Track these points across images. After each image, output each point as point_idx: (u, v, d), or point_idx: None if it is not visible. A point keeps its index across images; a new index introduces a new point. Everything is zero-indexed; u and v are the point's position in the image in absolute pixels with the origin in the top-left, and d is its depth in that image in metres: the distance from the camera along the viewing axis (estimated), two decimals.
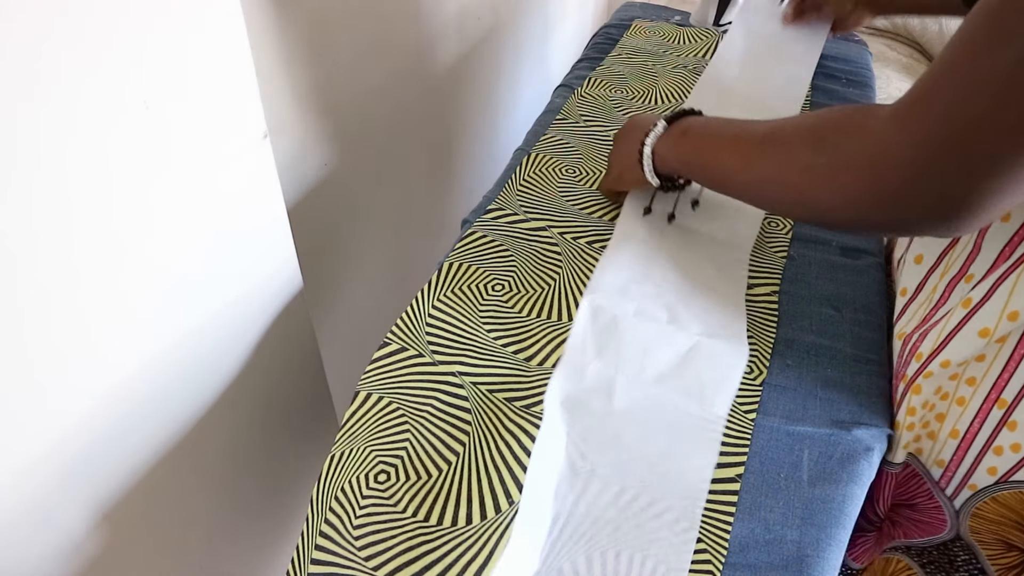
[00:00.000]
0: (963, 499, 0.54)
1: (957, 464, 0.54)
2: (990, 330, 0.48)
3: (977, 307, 0.49)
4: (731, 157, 0.53)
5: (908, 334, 0.57)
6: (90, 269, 0.41)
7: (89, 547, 0.48)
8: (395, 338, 0.57)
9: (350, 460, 0.49)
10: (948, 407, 0.53)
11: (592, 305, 0.58)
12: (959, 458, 0.53)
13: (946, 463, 0.55)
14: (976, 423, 0.52)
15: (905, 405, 0.55)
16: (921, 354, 0.54)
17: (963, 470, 0.54)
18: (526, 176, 0.76)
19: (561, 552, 0.46)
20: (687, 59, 1.02)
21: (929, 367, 0.52)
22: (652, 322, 0.58)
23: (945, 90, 0.37)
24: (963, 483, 0.54)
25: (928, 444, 0.55)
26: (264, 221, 0.56)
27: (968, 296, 0.50)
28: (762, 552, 0.47)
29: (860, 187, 0.41)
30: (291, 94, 0.72)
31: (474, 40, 1.16)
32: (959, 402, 0.53)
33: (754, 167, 0.50)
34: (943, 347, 0.51)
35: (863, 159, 0.41)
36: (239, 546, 0.67)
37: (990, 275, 0.49)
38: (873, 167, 0.40)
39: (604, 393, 0.53)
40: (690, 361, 0.56)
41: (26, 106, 0.34)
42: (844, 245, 0.70)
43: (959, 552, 0.58)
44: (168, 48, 0.41)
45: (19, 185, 0.35)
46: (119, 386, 0.46)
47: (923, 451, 0.56)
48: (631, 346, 0.56)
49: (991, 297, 0.48)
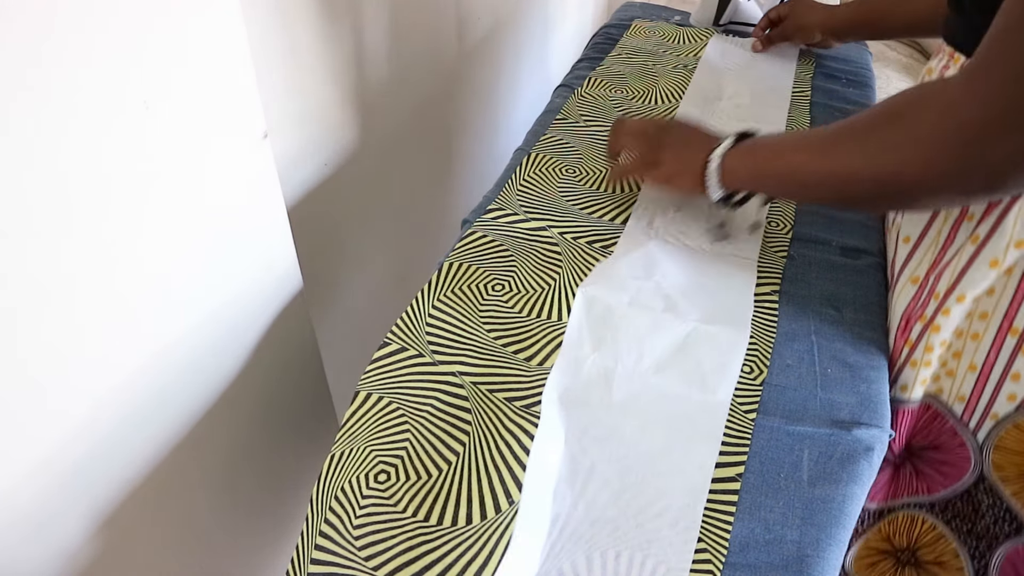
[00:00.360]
0: (986, 431, 0.58)
1: (978, 396, 0.57)
2: (999, 260, 0.52)
3: (985, 240, 0.53)
4: (807, 155, 0.55)
5: (922, 277, 0.60)
6: (90, 269, 0.41)
7: (90, 548, 0.48)
8: (395, 338, 0.57)
9: (350, 460, 0.49)
10: (964, 344, 0.56)
11: (586, 296, 0.58)
12: (979, 390, 0.57)
13: (967, 397, 0.58)
14: (992, 354, 0.55)
15: (923, 343, 0.57)
16: (938, 293, 0.57)
17: (984, 401, 0.57)
18: (526, 176, 0.76)
19: (561, 553, 0.46)
20: (687, 59, 1.02)
21: (946, 304, 0.56)
22: (647, 311, 0.58)
23: (1012, 48, 0.40)
24: (985, 414, 0.57)
25: (948, 382, 0.58)
26: (264, 221, 0.56)
27: (975, 232, 0.53)
28: (762, 552, 0.47)
29: (947, 153, 0.44)
30: (291, 94, 0.72)
31: (474, 40, 1.16)
32: (974, 337, 0.56)
33: (832, 158, 0.52)
34: (958, 282, 0.55)
35: (945, 126, 0.43)
36: (239, 546, 0.67)
37: (991, 211, 0.52)
38: (959, 131, 0.43)
39: (603, 385, 0.53)
40: (689, 348, 0.55)
41: (26, 106, 0.34)
42: (844, 245, 0.70)
43: (983, 497, 0.61)
44: (168, 48, 0.41)
45: (18, 185, 0.35)
46: (119, 387, 0.46)
47: (943, 390, 0.59)
48: (627, 336, 0.56)
49: (997, 229, 0.52)
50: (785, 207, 0.73)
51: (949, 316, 0.56)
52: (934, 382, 0.59)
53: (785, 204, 0.74)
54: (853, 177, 0.51)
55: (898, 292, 0.62)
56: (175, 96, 0.42)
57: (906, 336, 0.60)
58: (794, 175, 0.56)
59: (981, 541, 0.63)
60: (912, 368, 0.59)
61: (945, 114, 0.44)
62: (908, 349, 0.59)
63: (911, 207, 0.57)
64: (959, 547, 0.64)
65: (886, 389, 0.57)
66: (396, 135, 0.95)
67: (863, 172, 0.50)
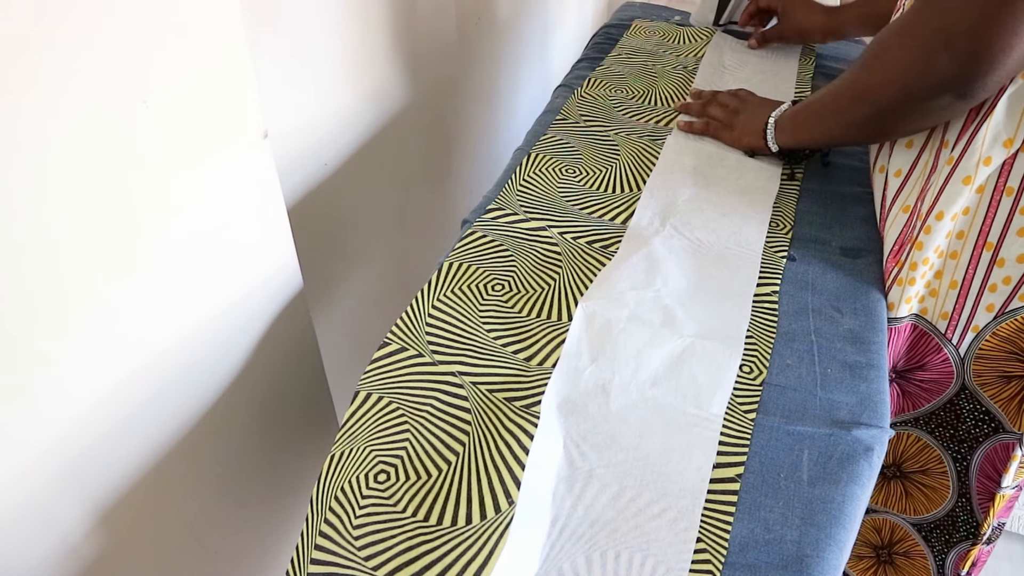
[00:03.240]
0: (968, 343, 0.65)
1: (959, 311, 0.64)
2: (971, 177, 0.58)
3: (958, 161, 0.59)
4: (842, 85, 0.65)
5: (912, 204, 0.65)
6: (89, 269, 0.41)
7: (88, 548, 0.48)
8: (395, 338, 0.57)
9: (350, 460, 0.49)
10: (943, 263, 0.63)
11: (586, 311, 0.59)
12: (960, 305, 0.64)
13: (949, 314, 0.65)
14: (971, 269, 0.62)
15: (908, 261, 0.63)
16: (921, 212, 0.63)
17: (965, 314, 0.64)
18: (526, 176, 0.76)
19: (561, 553, 0.46)
20: (687, 59, 1.02)
21: (928, 222, 0.61)
22: (645, 326, 0.58)
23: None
24: (967, 327, 0.64)
25: (931, 302, 0.65)
26: (264, 221, 0.56)
27: (951, 156, 0.60)
28: (762, 552, 0.47)
29: (971, 41, 0.52)
30: (291, 94, 0.72)
31: (474, 40, 1.16)
32: (953, 256, 0.63)
33: (868, 72, 0.61)
34: (936, 201, 0.61)
35: (944, 24, 0.53)
36: (239, 546, 0.67)
37: (963, 135, 0.59)
38: (984, 13, 0.50)
39: (600, 395, 0.53)
40: (683, 363, 0.56)
41: (26, 105, 0.34)
42: (844, 245, 0.70)
43: (964, 403, 0.68)
44: (168, 47, 0.41)
45: (16, 184, 0.35)
46: (119, 387, 0.46)
47: (928, 310, 0.66)
48: (625, 349, 0.56)
49: (968, 150, 0.58)
50: (785, 208, 0.74)
51: (930, 234, 0.61)
52: (919, 303, 0.65)
53: (785, 205, 0.74)
54: (888, 89, 0.59)
55: (891, 222, 0.68)
56: (176, 96, 0.42)
57: (897, 258, 0.65)
58: (833, 106, 0.67)
59: (963, 445, 0.71)
60: (899, 286, 0.65)
61: (945, 14, 0.53)
62: (897, 269, 0.65)
63: (927, 106, 0.61)
64: (942, 452, 0.72)
65: (886, 389, 0.57)
66: (396, 135, 0.95)
67: (900, 79, 0.58)
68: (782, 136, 0.76)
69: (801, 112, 0.73)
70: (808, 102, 0.73)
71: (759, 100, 0.84)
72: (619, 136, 0.84)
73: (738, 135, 0.81)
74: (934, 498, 0.76)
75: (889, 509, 0.81)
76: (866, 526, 0.83)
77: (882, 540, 0.84)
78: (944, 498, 0.75)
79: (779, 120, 0.76)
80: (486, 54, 1.22)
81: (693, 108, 0.87)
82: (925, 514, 0.78)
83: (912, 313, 0.66)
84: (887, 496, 0.80)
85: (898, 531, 0.82)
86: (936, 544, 0.79)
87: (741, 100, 0.84)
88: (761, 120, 0.78)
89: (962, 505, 0.74)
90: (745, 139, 0.80)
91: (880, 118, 0.63)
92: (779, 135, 0.76)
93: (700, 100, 0.88)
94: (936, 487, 0.75)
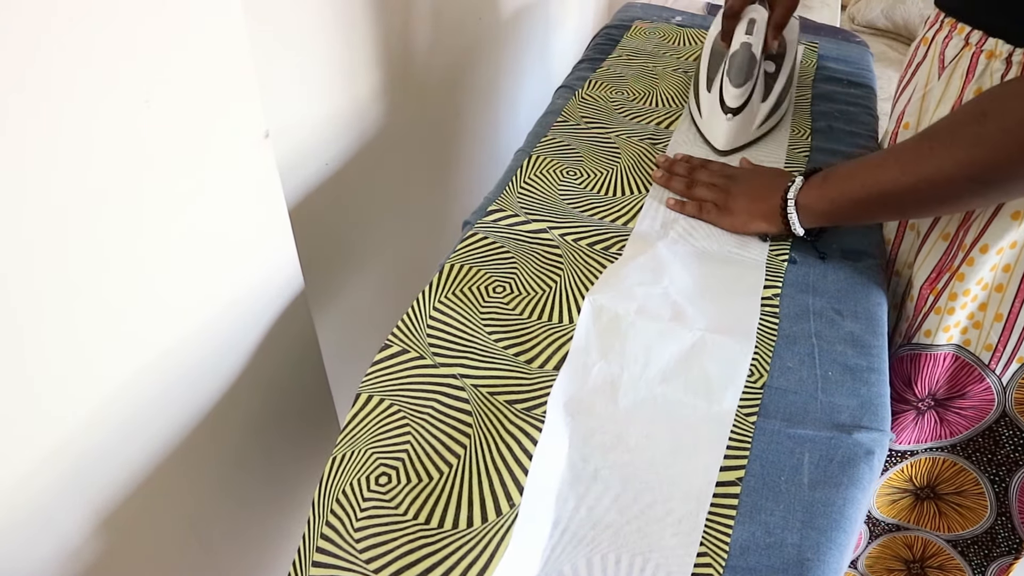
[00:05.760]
0: (1012, 372, 0.64)
1: (1004, 343, 0.63)
2: (1020, 213, 0.57)
3: None
4: (894, 170, 0.57)
5: (953, 232, 0.64)
6: (89, 269, 0.41)
7: (89, 550, 0.48)
8: (396, 340, 0.57)
9: (351, 463, 0.49)
10: (988, 295, 0.62)
11: (594, 305, 0.58)
12: (1006, 337, 0.63)
13: (994, 345, 0.64)
14: (1017, 302, 0.61)
15: (948, 291, 0.63)
16: (964, 243, 0.62)
17: (1011, 347, 0.63)
18: (527, 178, 0.76)
19: (561, 555, 0.46)
20: (688, 61, 1.02)
21: (971, 254, 0.61)
22: (654, 320, 0.58)
23: None
24: (1012, 358, 0.64)
25: (975, 333, 0.65)
26: (265, 221, 0.56)
27: None
28: (762, 555, 0.47)
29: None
30: (292, 94, 0.72)
31: (475, 40, 1.16)
32: (998, 289, 0.62)
33: (922, 165, 0.55)
34: (982, 234, 0.60)
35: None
36: (240, 549, 0.67)
37: None
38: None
39: (608, 393, 0.53)
40: (694, 357, 0.55)
41: (26, 104, 0.34)
42: (844, 248, 0.70)
43: (1003, 429, 0.68)
44: (169, 46, 0.41)
45: (16, 184, 0.35)
46: (120, 389, 0.46)
47: (971, 341, 0.65)
48: (634, 344, 0.56)
49: None
50: None
51: (973, 266, 0.61)
52: (962, 333, 0.65)
53: None
54: (947, 179, 0.53)
55: (928, 249, 0.67)
56: (177, 94, 0.42)
57: (933, 286, 0.65)
58: (882, 193, 0.58)
59: (1001, 468, 0.70)
60: (936, 315, 0.64)
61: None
62: (934, 297, 0.65)
63: (1007, 196, 0.58)
64: (979, 475, 0.71)
65: (887, 392, 0.57)
66: (397, 135, 0.95)
67: (956, 172, 0.52)
68: (808, 217, 0.64)
69: (847, 192, 0.60)
70: (859, 178, 0.59)
71: (752, 172, 0.72)
72: (620, 139, 0.84)
73: (743, 220, 0.68)
74: (970, 517, 0.75)
75: (922, 527, 0.79)
76: (898, 543, 0.82)
77: (914, 555, 0.82)
78: (981, 517, 0.74)
79: (802, 199, 0.63)
80: (487, 54, 1.22)
81: (676, 187, 0.74)
82: (960, 531, 0.77)
83: (954, 343, 0.65)
84: (920, 515, 0.78)
85: (931, 546, 0.80)
86: (975, 559, 0.78)
87: (728, 178, 0.72)
88: (772, 201, 0.66)
89: (1002, 523, 0.73)
90: (753, 225, 0.68)
91: (986, 199, 0.57)
92: (804, 216, 0.64)
93: (681, 177, 0.74)
94: (973, 507, 0.74)
